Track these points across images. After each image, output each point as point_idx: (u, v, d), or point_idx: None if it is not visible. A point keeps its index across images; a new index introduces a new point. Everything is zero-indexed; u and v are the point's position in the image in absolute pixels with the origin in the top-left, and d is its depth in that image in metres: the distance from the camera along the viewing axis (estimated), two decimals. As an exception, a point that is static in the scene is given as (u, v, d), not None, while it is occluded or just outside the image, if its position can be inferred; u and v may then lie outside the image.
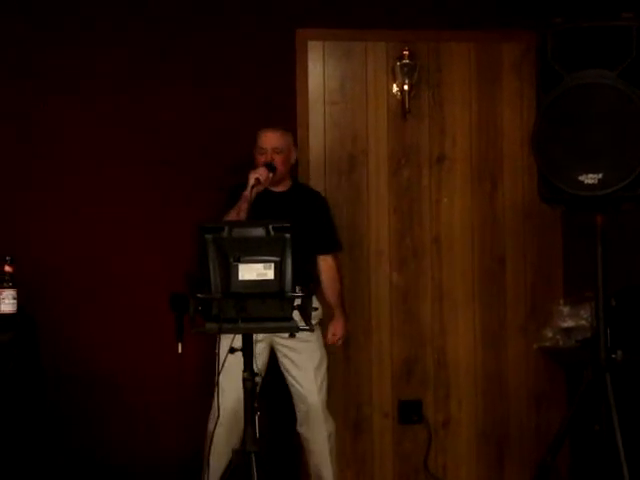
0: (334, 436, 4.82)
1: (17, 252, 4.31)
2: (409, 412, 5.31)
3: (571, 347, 5.14)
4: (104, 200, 5.06)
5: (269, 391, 4.61)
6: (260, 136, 4.79)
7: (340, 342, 4.90)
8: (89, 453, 4.95)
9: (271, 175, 4.63)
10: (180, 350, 3.92)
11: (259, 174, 4.58)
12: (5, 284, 4.13)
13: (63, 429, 4.82)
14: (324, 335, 4.83)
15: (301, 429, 4.79)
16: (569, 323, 5.19)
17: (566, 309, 5.22)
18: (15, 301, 4.13)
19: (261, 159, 4.73)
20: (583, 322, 5.14)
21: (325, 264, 4.87)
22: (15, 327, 4.05)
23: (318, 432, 4.75)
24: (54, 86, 5.03)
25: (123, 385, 5.01)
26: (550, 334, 5.26)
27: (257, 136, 4.80)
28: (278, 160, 4.72)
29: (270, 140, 4.76)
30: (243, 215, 4.50)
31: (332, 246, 4.91)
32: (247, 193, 4.54)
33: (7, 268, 4.15)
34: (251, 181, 4.56)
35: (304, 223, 4.52)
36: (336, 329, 4.85)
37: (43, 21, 5.02)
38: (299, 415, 4.79)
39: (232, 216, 4.56)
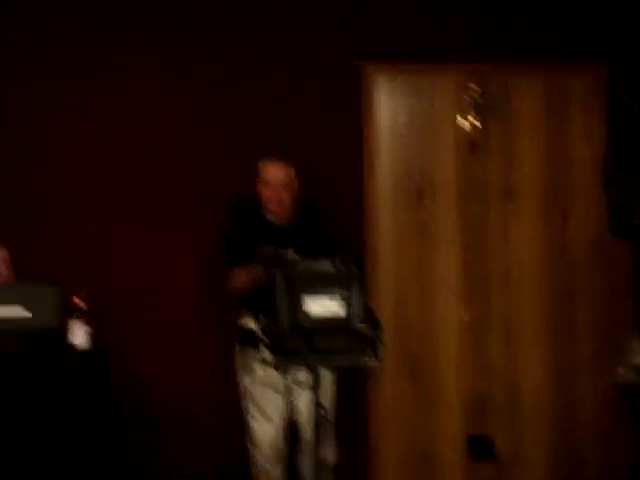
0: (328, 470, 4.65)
1: (89, 286, 4.37)
2: (478, 447, 5.25)
3: (644, 384, 5.05)
4: (172, 230, 5.13)
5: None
6: (266, 170, 4.71)
7: None
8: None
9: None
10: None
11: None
12: (76, 317, 4.18)
13: (136, 461, 4.84)
14: None
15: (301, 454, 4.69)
16: (641, 359, 5.10)
17: (638, 345, 5.12)
18: (88, 335, 4.18)
19: (267, 192, 4.67)
20: (656, 358, 5.04)
21: None
22: (87, 359, 4.09)
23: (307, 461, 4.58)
24: (97, 110, 5.12)
25: (193, 416, 5.05)
26: (622, 371, 5.17)
27: (262, 168, 4.72)
28: (286, 197, 4.66)
29: (278, 176, 4.68)
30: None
31: None
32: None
33: (80, 302, 4.20)
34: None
35: (317, 246, 4.52)
36: None
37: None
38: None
39: (240, 278, 4.53)
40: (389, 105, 5.30)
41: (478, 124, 5.27)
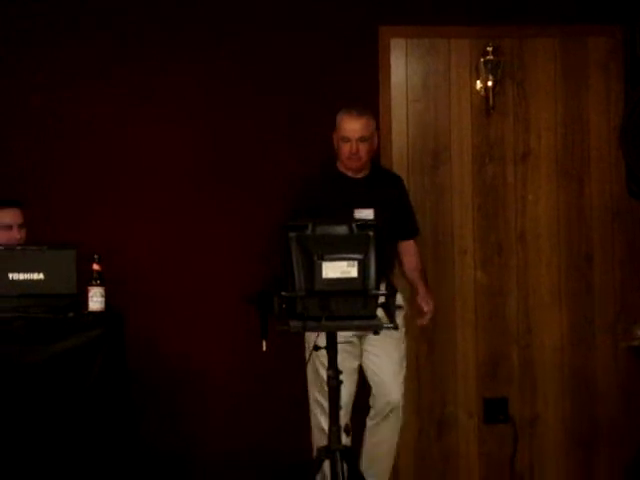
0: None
1: (104, 249, 4.37)
2: (494, 411, 5.26)
3: (661, 346, 5.05)
4: (189, 200, 5.13)
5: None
6: (344, 123, 4.57)
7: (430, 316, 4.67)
8: (170, 449, 5.01)
9: None
10: (265, 348, 3.96)
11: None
12: (94, 282, 4.18)
13: (146, 425, 4.87)
14: (415, 315, 4.71)
15: (372, 421, 4.65)
16: (659, 321, 5.11)
17: (656, 307, 5.13)
18: (103, 299, 4.18)
19: (345, 148, 4.56)
20: (673, 320, 5.05)
21: (408, 249, 4.78)
22: (103, 324, 4.11)
23: (393, 427, 4.66)
24: (139, 99, 5.12)
25: (207, 382, 5.07)
26: (639, 333, 5.17)
27: (340, 121, 4.59)
28: (363, 150, 4.55)
29: (355, 130, 4.54)
30: None
31: (415, 231, 4.83)
32: None
33: (95, 266, 4.19)
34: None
35: (385, 208, 4.49)
36: (428, 300, 4.67)
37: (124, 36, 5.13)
38: (377, 407, 4.65)
39: None
40: (404, 68, 5.26)
41: (494, 86, 5.23)
